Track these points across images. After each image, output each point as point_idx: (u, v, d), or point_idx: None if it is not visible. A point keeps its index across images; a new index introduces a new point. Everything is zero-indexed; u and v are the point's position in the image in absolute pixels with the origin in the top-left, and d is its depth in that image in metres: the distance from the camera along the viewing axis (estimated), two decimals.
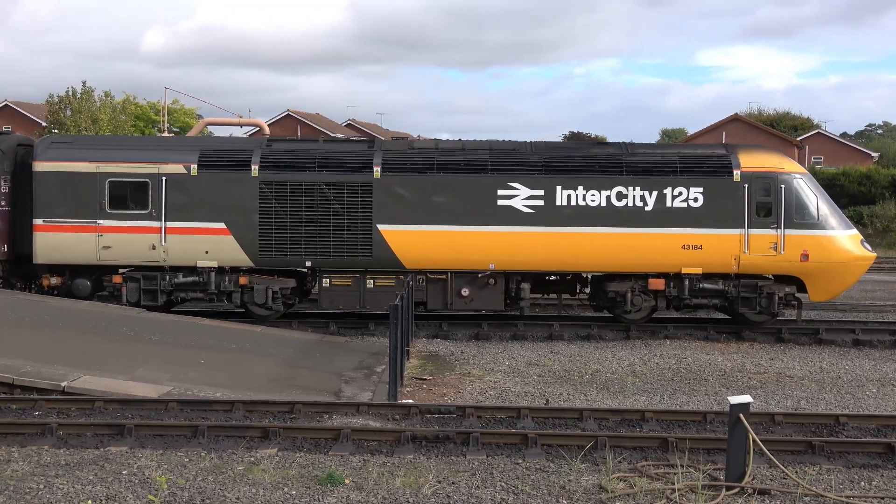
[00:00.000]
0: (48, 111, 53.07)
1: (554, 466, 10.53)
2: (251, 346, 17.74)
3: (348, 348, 18.89)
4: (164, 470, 10.02)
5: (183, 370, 15.08)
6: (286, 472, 10.05)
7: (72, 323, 17.74)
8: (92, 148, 21.24)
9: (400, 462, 10.57)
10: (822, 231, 20.56)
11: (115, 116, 51.68)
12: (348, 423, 12.05)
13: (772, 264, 20.55)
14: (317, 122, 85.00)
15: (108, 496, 9.16)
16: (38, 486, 9.42)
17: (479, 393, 15.13)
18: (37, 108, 65.40)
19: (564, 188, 20.52)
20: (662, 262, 20.59)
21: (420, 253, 20.64)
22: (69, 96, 50.99)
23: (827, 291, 21.04)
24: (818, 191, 21.03)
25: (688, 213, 20.49)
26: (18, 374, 13.71)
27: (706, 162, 20.88)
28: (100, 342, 16.51)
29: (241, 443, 11.23)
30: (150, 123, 60.33)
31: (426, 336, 20.58)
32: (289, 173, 20.58)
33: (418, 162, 20.92)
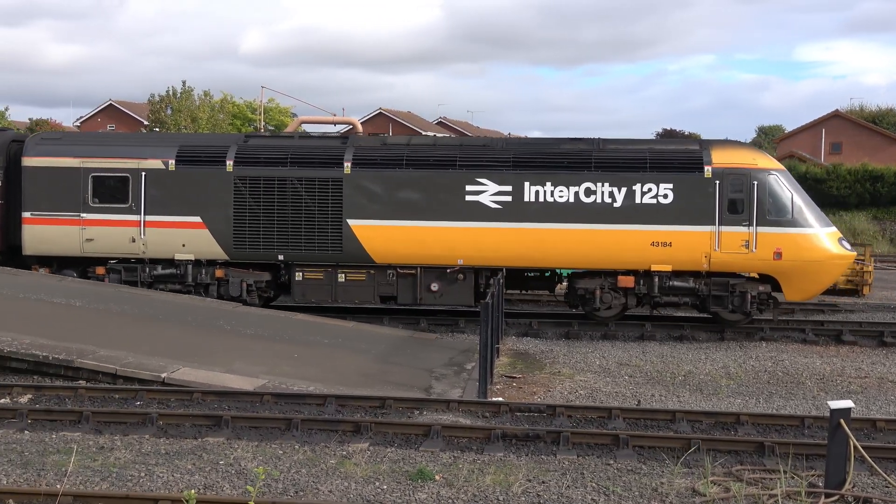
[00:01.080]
0: (150, 110, 54.74)
1: (646, 468, 10.40)
2: (343, 341, 17.97)
3: (438, 345, 18.97)
4: (260, 461, 10.24)
5: (277, 364, 15.37)
6: (377, 467, 10.15)
7: (172, 316, 18.25)
8: (77, 144, 22.07)
9: (490, 460, 10.58)
10: (797, 229, 19.99)
11: (213, 115, 52.98)
12: (439, 420, 12.12)
13: (744, 262, 20.07)
14: (408, 120, 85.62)
15: (206, 485, 9.40)
16: (140, 474, 9.73)
17: (570, 392, 15.04)
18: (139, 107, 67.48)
19: (532, 184, 20.40)
20: (631, 260, 20.27)
21: (389, 248, 20.71)
22: (170, 96, 52.49)
23: (803, 291, 20.52)
24: (794, 187, 20.41)
25: (657, 210, 20.13)
26: (121, 364, 14.17)
27: (677, 158, 20.50)
28: (198, 335, 16.95)
29: (334, 436, 11.39)
30: (247, 122, 61.64)
31: (516, 334, 20.54)
32: (262, 168, 20.96)
33: (388, 157, 20.99)
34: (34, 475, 9.57)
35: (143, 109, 62.13)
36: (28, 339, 14.90)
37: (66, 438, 11.05)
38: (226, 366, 14.77)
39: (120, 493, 8.94)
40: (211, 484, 9.45)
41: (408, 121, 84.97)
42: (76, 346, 14.84)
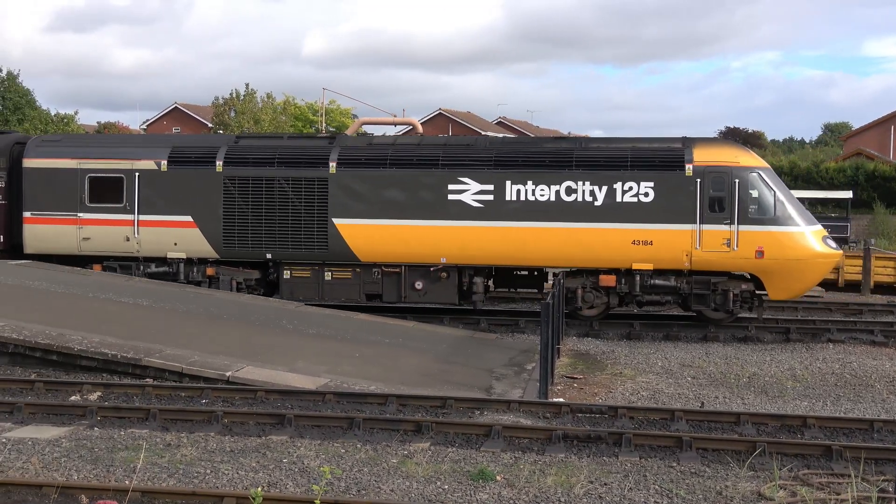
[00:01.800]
0: (214, 113, 55.60)
1: (710, 471, 10.26)
2: (403, 340, 18.06)
3: (498, 345, 18.96)
4: (322, 460, 10.33)
5: (339, 363, 15.50)
6: (438, 467, 10.18)
7: (236, 315, 18.52)
8: (75, 146, 22.70)
9: (551, 461, 10.54)
10: (779, 227, 19.79)
11: (275, 117, 53.62)
12: (499, 420, 12.10)
13: (725, 261, 19.89)
14: (468, 120, 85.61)
15: (270, 483, 9.52)
16: (206, 471, 9.88)
17: (631, 393, 14.91)
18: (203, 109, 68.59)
19: (514, 183, 20.43)
20: (612, 258, 20.24)
21: (373, 246, 20.95)
22: (233, 98, 53.23)
23: (786, 290, 20.23)
24: (777, 185, 20.18)
25: (638, 208, 20.05)
26: (187, 363, 14.42)
27: (658, 156, 20.41)
28: (262, 334, 17.17)
29: (395, 436, 11.45)
30: (309, 123, 62.25)
31: (577, 334, 20.43)
32: (251, 169, 21.38)
33: (372, 157, 21.22)
34: (104, 471, 9.79)
35: (208, 112, 63.14)
36: (97, 338, 15.24)
37: (135, 435, 11.27)
38: (288, 365, 14.94)
39: (186, 489, 9.09)
40: (275, 482, 9.56)
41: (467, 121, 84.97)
42: (143, 345, 15.14)
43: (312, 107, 63.52)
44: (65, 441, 10.95)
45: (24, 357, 15.07)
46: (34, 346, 14.96)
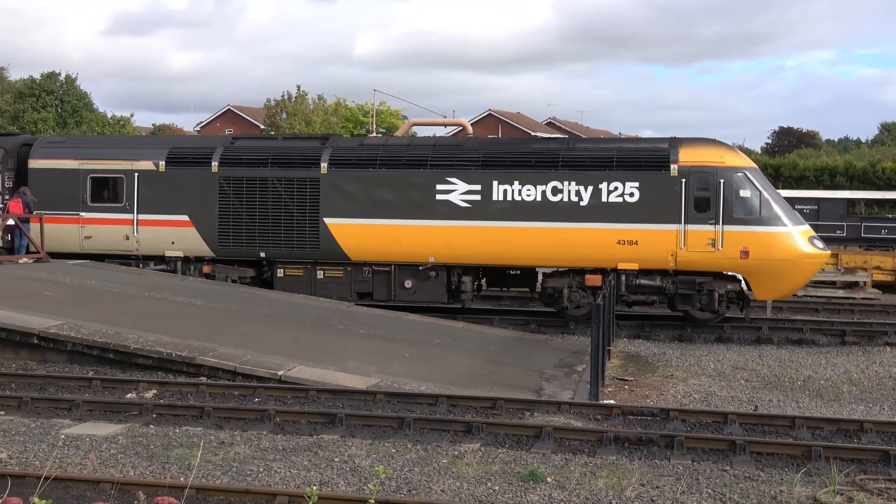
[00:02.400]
0: (265, 114, 56.16)
1: (764, 475, 10.13)
2: (453, 341, 18.09)
3: (548, 346, 18.91)
4: (373, 459, 10.39)
5: (389, 363, 15.57)
6: (489, 468, 10.18)
7: (288, 315, 18.70)
8: (77, 147, 23.26)
9: (602, 463, 10.48)
10: (764, 227, 19.73)
11: (326, 118, 54.00)
12: (550, 422, 12.07)
13: (710, 261, 19.89)
14: (517, 121, 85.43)
15: (322, 482, 9.60)
16: (258, 469, 9.99)
17: (683, 396, 14.78)
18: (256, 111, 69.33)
19: (500, 183, 20.60)
20: (598, 258, 20.34)
21: (363, 245, 21.25)
22: (285, 100, 53.73)
23: (773, 290, 20.20)
24: (763, 185, 20.16)
25: (623, 208, 20.12)
26: (240, 362, 14.59)
27: (643, 156, 20.48)
28: (313, 334, 17.32)
29: (446, 436, 11.47)
30: (359, 125, 62.62)
31: (627, 336, 20.31)
32: (245, 169, 21.79)
33: (363, 158, 21.55)
34: (159, 468, 9.94)
35: (260, 114, 63.81)
36: (153, 337, 15.49)
37: (189, 433, 11.43)
38: (339, 364, 15.04)
39: (240, 487, 9.20)
40: (326, 480, 9.64)
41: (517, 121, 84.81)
42: (197, 344, 15.35)
43: (363, 108, 63.91)
44: (121, 438, 11.14)
45: (82, 355, 15.37)
46: (91, 345, 15.25)
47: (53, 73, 60.59)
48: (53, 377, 14.36)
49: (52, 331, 15.44)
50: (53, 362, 15.50)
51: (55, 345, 15.44)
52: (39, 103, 58.64)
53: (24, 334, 15.51)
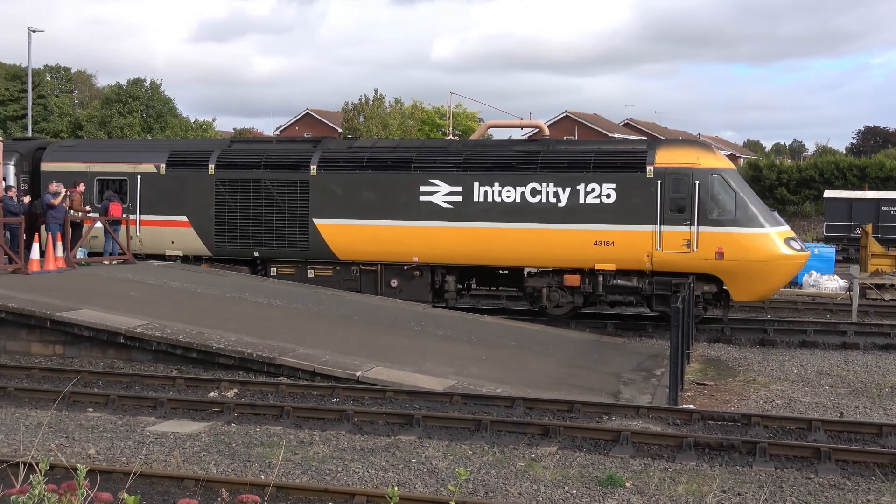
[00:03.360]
0: (343, 118, 56.76)
1: (850, 484, 9.87)
2: (530, 343, 18.04)
3: (626, 349, 18.71)
4: (450, 461, 10.42)
5: (465, 365, 15.59)
6: (566, 471, 10.12)
7: (364, 316, 18.87)
8: (86, 151, 24.09)
9: (682, 468, 10.34)
10: (739, 228, 19.67)
11: (403, 121, 54.35)
12: (628, 426, 11.95)
13: (686, 262, 19.84)
14: (594, 122, 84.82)
15: (399, 482, 9.66)
16: (337, 469, 10.11)
17: (765, 402, 14.47)
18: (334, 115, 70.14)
19: (481, 184, 20.88)
20: (576, 258, 20.46)
21: (351, 245, 21.71)
22: (362, 104, 54.23)
23: (750, 291, 20.02)
24: (739, 186, 20.13)
25: (600, 209, 20.24)
26: (319, 363, 14.77)
27: (620, 158, 20.58)
28: (390, 335, 17.44)
29: (523, 439, 11.44)
30: (436, 127, 62.87)
31: (707, 340, 19.98)
32: (240, 171, 22.40)
33: (351, 160, 22.05)
34: (241, 466, 10.13)
35: (338, 117, 64.56)
36: (234, 337, 15.79)
37: (269, 432, 11.62)
38: (416, 366, 15.12)
39: (319, 486, 9.32)
40: (404, 481, 9.70)
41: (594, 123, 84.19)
42: (277, 344, 15.59)
43: (439, 111, 64.15)
44: (204, 436, 11.38)
45: (167, 354, 15.74)
46: (175, 344, 15.61)
47: (139, 79, 62.23)
48: (139, 376, 14.74)
49: (137, 330, 15.85)
50: (139, 361, 15.91)
51: (141, 344, 15.85)
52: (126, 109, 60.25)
53: (112, 334, 15.96)
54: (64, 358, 16.30)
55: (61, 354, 16.39)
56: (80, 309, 16.66)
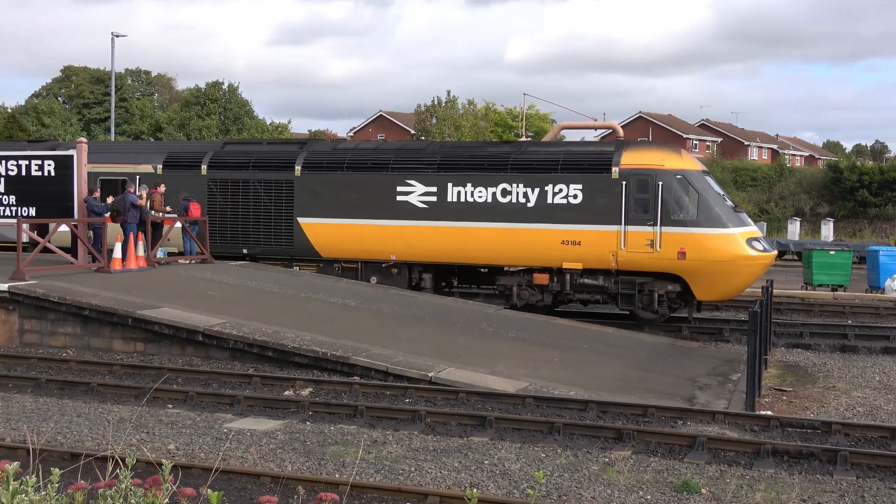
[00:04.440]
0: (416, 120, 57.04)
1: None
2: (603, 346, 17.90)
3: (701, 353, 18.44)
4: (523, 463, 10.40)
5: (538, 367, 15.54)
6: (641, 476, 10.02)
7: (437, 317, 18.94)
8: (91, 152, 24.18)
9: (760, 476, 10.14)
10: (701, 229, 19.92)
11: (475, 123, 54.39)
12: (704, 431, 11.77)
13: (649, 261, 20.19)
14: (668, 123, 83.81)
15: (472, 484, 9.67)
16: (410, 469, 10.16)
17: (846, 409, 14.12)
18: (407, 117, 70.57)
19: (455, 185, 21.52)
20: (544, 257, 20.95)
21: (332, 243, 22.50)
22: (435, 105, 54.44)
23: (713, 291, 20.28)
24: (702, 188, 20.30)
25: (567, 210, 20.71)
26: (392, 363, 14.87)
27: (587, 159, 21.03)
28: (462, 336, 17.47)
29: (596, 443, 11.36)
30: (508, 129, 62.79)
31: (785, 345, 19.58)
32: (230, 172, 23.18)
33: (332, 161, 22.87)
34: (315, 464, 10.25)
35: (411, 119, 64.91)
36: (309, 336, 15.99)
37: (343, 431, 11.74)
38: (488, 367, 15.11)
39: (392, 485, 9.39)
40: (476, 483, 9.70)
41: (668, 124, 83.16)
42: (351, 344, 15.74)
43: (512, 112, 64.06)
44: (279, 433, 11.55)
45: (243, 353, 16.01)
46: (252, 343, 15.87)
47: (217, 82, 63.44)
48: (217, 373, 15.02)
49: (215, 329, 16.16)
50: (216, 359, 16.21)
51: (218, 342, 16.15)
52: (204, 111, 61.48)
53: (190, 332, 16.30)
54: (144, 355, 16.70)
55: (142, 351, 16.81)
56: (160, 307, 17.05)
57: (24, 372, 15.36)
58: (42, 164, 20.38)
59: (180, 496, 3.88)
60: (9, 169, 20.57)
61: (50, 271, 19.37)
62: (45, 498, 3.89)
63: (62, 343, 17.33)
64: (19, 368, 15.76)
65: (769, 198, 60.96)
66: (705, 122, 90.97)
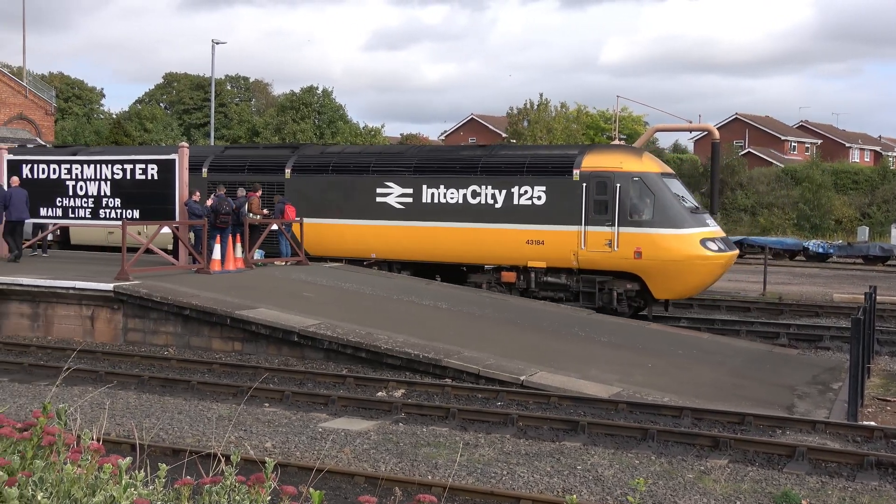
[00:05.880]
0: (508, 123, 57.00)
1: None
2: (697, 352, 17.59)
3: (800, 361, 17.97)
4: (616, 469, 10.30)
5: (631, 372, 15.36)
6: (738, 486, 9.82)
7: (528, 320, 18.89)
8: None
9: (863, 488, 9.84)
10: (655, 229, 20.63)
11: (567, 126, 54.09)
12: (803, 441, 11.47)
13: (608, 260, 21.03)
14: (765, 124, 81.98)
15: (564, 489, 9.62)
16: (502, 472, 10.17)
17: None
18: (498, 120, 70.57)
19: (429, 187, 22.66)
20: (511, 256, 21.97)
21: (319, 242, 23.53)
22: (527, 108, 54.33)
23: (669, 290, 20.98)
24: (659, 189, 20.94)
25: (532, 210, 21.62)
26: (483, 366, 14.89)
27: (550, 162, 21.98)
28: (554, 340, 17.39)
29: (691, 450, 11.18)
30: (600, 131, 62.25)
31: (889, 353, 18.95)
32: (228, 175, 24.22)
33: (319, 164, 24.18)
34: (408, 465, 10.35)
35: (502, 122, 64.88)
36: (401, 338, 16.13)
37: (436, 433, 11.81)
38: (580, 372, 15.01)
39: (485, 488, 9.41)
40: (569, 488, 9.65)
41: (765, 125, 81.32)
42: (443, 346, 15.82)
43: (604, 115, 63.48)
44: (373, 434, 11.68)
45: (337, 353, 16.24)
46: (346, 344, 16.09)
47: (312, 87, 64.54)
48: (312, 373, 15.28)
49: (310, 329, 16.44)
50: (311, 359, 16.48)
51: (313, 343, 16.42)
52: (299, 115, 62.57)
53: (286, 332, 16.61)
54: (242, 354, 17.09)
55: (239, 350, 17.20)
56: (257, 308, 17.43)
57: (127, 369, 15.89)
58: (146, 168, 21.02)
59: (282, 494, 3.97)
60: (115, 173, 21.27)
61: (152, 272, 19.99)
62: (153, 492, 4.01)
63: (164, 341, 17.86)
64: (123, 366, 16.31)
65: (871, 201, 58.97)
66: (804, 123, 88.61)
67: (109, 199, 21.39)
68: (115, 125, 63.38)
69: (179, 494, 4.02)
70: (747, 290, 29.19)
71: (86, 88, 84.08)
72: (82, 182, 21.65)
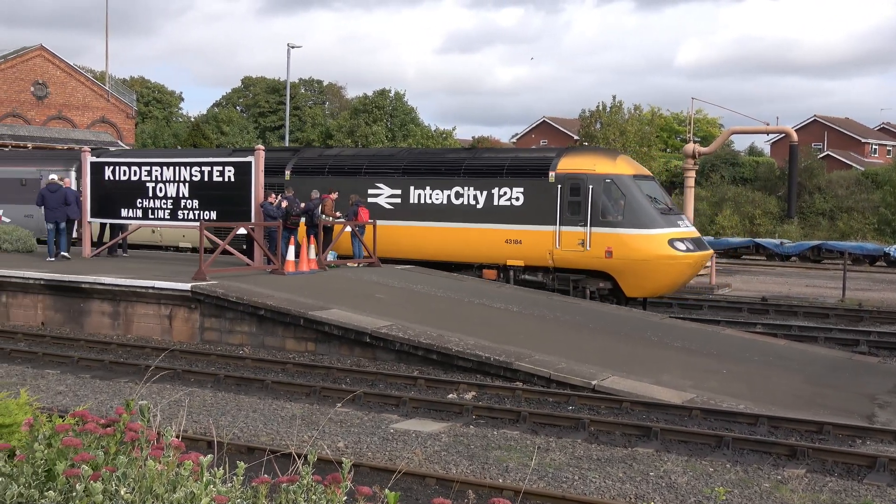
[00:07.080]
0: (580, 125, 56.65)
1: None
2: (773, 359, 17.24)
3: (881, 369, 17.48)
4: (690, 477, 10.16)
5: (705, 378, 15.13)
6: (816, 496, 9.61)
7: (599, 324, 18.75)
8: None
9: None
10: (625, 229, 21.47)
11: (640, 128, 53.55)
12: (885, 451, 11.16)
13: (581, 259, 21.97)
14: (845, 126, 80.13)
15: (637, 496, 9.53)
16: (573, 477, 10.11)
17: None
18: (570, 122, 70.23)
19: (416, 188, 23.79)
20: (491, 255, 23.02)
21: None
22: (599, 111, 53.93)
23: (640, 288, 21.86)
24: (629, 191, 21.74)
25: (510, 211, 22.64)
26: (554, 369, 14.82)
27: (529, 165, 23.00)
28: (626, 344, 17.23)
29: (767, 459, 10.97)
30: (674, 134, 61.46)
31: None
32: None
33: (316, 165, 25.47)
34: (479, 468, 10.35)
35: (574, 125, 64.53)
36: (472, 341, 16.15)
37: (507, 436, 11.80)
38: (653, 377, 14.83)
39: (557, 493, 9.36)
40: (642, 494, 9.56)
41: (844, 127, 79.46)
42: (514, 349, 15.79)
43: (678, 117, 62.67)
44: (444, 436, 11.72)
45: (408, 355, 16.33)
46: (417, 346, 16.17)
47: (384, 90, 65.01)
48: (383, 374, 15.39)
49: (382, 331, 16.56)
50: (383, 360, 16.60)
51: (385, 344, 16.54)
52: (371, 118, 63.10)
53: (359, 333, 16.76)
54: (315, 354, 17.30)
55: (312, 351, 17.41)
56: (329, 308, 17.62)
57: (204, 367, 16.20)
58: (223, 170, 21.41)
59: (357, 494, 4.01)
60: (192, 175, 21.72)
61: (228, 272, 20.36)
62: (231, 489, 4.09)
63: (239, 341, 18.18)
64: (200, 364, 16.64)
65: None
66: (886, 125, 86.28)
67: (187, 201, 21.84)
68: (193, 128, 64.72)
69: (257, 493, 4.09)
70: (825, 296, 28.54)
71: (165, 92, 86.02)
72: (161, 184, 22.16)
